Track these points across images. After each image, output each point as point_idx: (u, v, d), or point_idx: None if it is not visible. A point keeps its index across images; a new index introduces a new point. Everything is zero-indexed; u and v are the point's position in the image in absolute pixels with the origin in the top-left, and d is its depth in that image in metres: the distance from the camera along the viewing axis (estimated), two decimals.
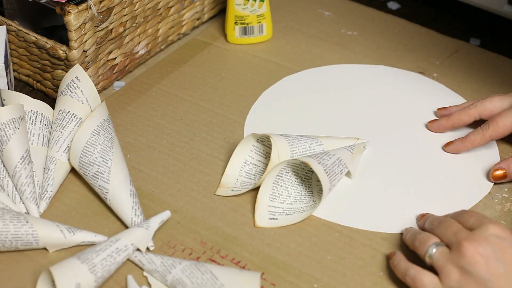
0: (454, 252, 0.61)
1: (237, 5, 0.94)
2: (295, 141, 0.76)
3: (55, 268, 0.62)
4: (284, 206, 0.73)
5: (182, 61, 0.94)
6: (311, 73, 0.92)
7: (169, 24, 0.95)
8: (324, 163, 0.72)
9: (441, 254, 0.62)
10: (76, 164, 0.73)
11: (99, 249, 0.65)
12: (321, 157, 0.72)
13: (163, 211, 0.71)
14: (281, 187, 0.73)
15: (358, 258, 0.69)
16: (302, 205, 0.73)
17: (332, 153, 0.74)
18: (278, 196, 0.73)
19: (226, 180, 0.76)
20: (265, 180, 0.73)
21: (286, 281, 0.66)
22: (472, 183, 0.76)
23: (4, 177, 0.73)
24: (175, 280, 0.64)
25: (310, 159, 0.71)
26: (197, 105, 0.87)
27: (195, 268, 0.64)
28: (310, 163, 0.70)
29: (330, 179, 0.71)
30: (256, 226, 0.71)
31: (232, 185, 0.76)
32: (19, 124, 0.73)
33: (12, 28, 0.85)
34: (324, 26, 1.01)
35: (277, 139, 0.74)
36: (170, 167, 0.78)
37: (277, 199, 0.73)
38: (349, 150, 0.76)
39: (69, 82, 0.78)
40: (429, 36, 0.99)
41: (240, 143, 0.77)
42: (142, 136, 0.82)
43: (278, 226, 0.71)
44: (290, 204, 0.73)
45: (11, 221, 0.66)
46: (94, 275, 0.63)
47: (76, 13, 0.79)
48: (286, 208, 0.73)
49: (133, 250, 0.66)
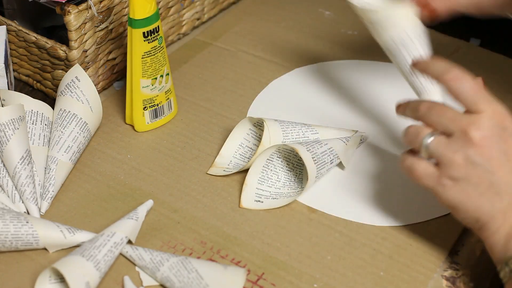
0: (452, 141, 0.59)
1: (144, 87, 0.79)
2: (289, 127, 0.77)
3: (64, 267, 0.62)
4: (272, 190, 0.74)
5: (182, 61, 0.94)
6: (307, 70, 0.92)
7: (169, 24, 0.95)
8: (314, 151, 0.73)
9: (438, 143, 0.60)
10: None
11: (99, 244, 0.65)
12: (312, 145, 0.73)
13: (163, 211, 0.71)
14: (271, 171, 0.75)
15: (358, 258, 0.69)
16: (289, 190, 0.74)
17: (325, 142, 0.75)
18: (267, 180, 0.74)
19: (220, 161, 0.78)
20: (255, 162, 0.74)
21: (286, 281, 0.66)
22: None
23: (4, 177, 0.73)
24: (163, 277, 0.65)
25: (299, 146, 0.72)
26: (197, 105, 0.87)
27: (181, 266, 0.64)
28: (297, 149, 0.71)
29: (317, 167, 0.72)
30: (241, 206, 0.73)
31: (225, 165, 0.77)
32: (18, 125, 0.73)
33: (12, 28, 0.85)
34: (324, 26, 1.01)
35: (270, 123, 0.76)
36: (170, 167, 0.78)
37: (265, 183, 0.74)
38: (343, 141, 0.77)
39: (69, 82, 0.78)
40: (429, 36, 0.99)
41: (237, 126, 0.78)
42: (142, 136, 0.82)
43: (262, 209, 0.73)
44: (278, 188, 0.74)
45: (11, 221, 0.66)
46: (99, 272, 0.63)
47: (76, 13, 0.79)
48: (274, 192, 0.74)
49: (126, 242, 0.67)
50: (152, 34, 0.76)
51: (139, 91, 0.79)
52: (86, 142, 0.78)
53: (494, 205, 0.59)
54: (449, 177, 0.60)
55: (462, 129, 0.59)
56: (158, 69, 0.79)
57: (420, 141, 0.61)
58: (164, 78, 0.80)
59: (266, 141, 0.75)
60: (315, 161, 0.72)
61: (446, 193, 0.60)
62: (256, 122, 0.78)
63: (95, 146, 0.80)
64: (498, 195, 0.59)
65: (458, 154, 0.59)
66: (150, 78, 0.79)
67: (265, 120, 0.76)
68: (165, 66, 0.80)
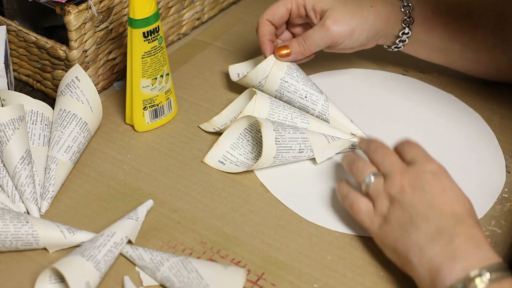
0: (387, 182, 0.65)
1: (144, 87, 0.79)
2: (279, 108, 0.79)
3: (64, 267, 0.62)
4: (240, 158, 0.77)
5: (182, 61, 0.94)
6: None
7: (169, 24, 0.95)
8: (283, 133, 0.74)
9: (376, 184, 0.66)
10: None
11: (99, 244, 0.65)
12: (284, 128, 0.75)
13: (163, 211, 0.70)
14: (247, 141, 0.77)
15: (358, 258, 0.69)
16: (252, 162, 0.77)
17: (302, 131, 0.76)
18: (240, 148, 0.77)
19: (217, 119, 0.82)
20: (232, 126, 0.77)
21: (286, 281, 0.66)
22: (480, 183, 0.77)
23: (4, 177, 0.73)
24: (163, 277, 0.65)
25: (266, 122, 0.74)
26: (197, 105, 0.87)
27: (181, 266, 0.64)
28: (261, 124, 0.73)
29: (279, 149, 0.74)
30: (203, 161, 0.77)
31: (218, 125, 0.82)
32: (18, 125, 0.73)
33: (12, 28, 0.85)
34: None
35: (260, 96, 0.79)
36: (170, 167, 0.78)
37: (237, 150, 0.77)
38: (327, 138, 0.77)
39: (69, 82, 0.78)
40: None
41: (242, 94, 0.82)
42: (142, 136, 0.82)
43: (220, 170, 0.76)
44: (246, 159, 0.77)
45: (11, 221, 0.66)
46: (99, 272, 0.63)
47: (76, 13, 0.79)
48: (241, 160, 0.77)
49: (125, 242, 0.67)
50: (152, 34, 0.76)
51: (139, 91, 0.79)
52: (86, 142, 0.78)
53: (410, 236, 0.62)
54: (380, 214, 0.65)
55: (393, 172, 0.65)
56: (158, 69, 0.79)
57: (363, 177, 0.67)
58: (164, 78, 0.80)
59: (249, 111, 0.78)
60: (277, 142, 0.74)
61: (376, 230, 0.65)
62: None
63: (95, 146, 0.80)
64: (415, 227, 0.62)
65: (387, 194, 0.65)
66: (150, 78, 0.79)
67: (257, 92, 0.78)
68: (165, 66, 0.80)
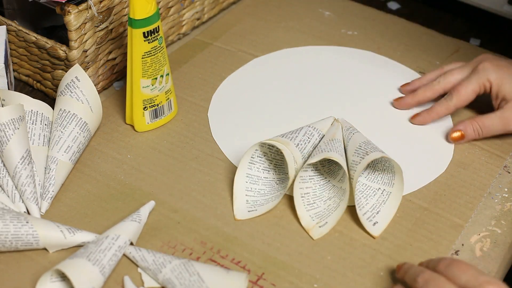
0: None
1: (144, 87, 0.79)
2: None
3: (71, 271, 0.62)
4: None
5: (182, 61, 0.94)
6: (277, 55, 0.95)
7: (169, 24, 0.95)
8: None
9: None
10: None
11: (104, 248, 0.65)
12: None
13: (163, 211, 0.70)
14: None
15: (358, 258, 0.69)
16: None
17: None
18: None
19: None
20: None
21: (286, 281, 0.66)
22: (436, 150, 0.81)
23: (4, 177, 0.73)
24: (165, 279, 0.64)
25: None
26: (197, 105, 0.87)
27: (183, 269, 0.64)
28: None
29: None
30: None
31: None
32: (18, 125, 0.73)
33: (12, 28, 0.85)
34: (324, 26, 1.01)
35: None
36: (170, 167, 0.78)
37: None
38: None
39: (69, 82, 0.78)
40: (429, 36, 0.99)
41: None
42: (142, 136, 0.82)
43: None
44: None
45: (11, 221, 0.66)
46: (103, 276, 0.64)
47: (76, 13, 0.79)
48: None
49: (128, 244, 0.67)
50: (152, 34, 0.76)
51: (139, 91, 0.79)
52: (86, 142, 0.78)
53: None
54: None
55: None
56: (158, 69, 0.79)
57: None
58: (164, 78, 0.80)
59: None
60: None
61: None
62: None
63: (95, 146, 0.80)
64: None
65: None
66: (150, 78, 0.79)
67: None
68: (165, 66, 0.80)
